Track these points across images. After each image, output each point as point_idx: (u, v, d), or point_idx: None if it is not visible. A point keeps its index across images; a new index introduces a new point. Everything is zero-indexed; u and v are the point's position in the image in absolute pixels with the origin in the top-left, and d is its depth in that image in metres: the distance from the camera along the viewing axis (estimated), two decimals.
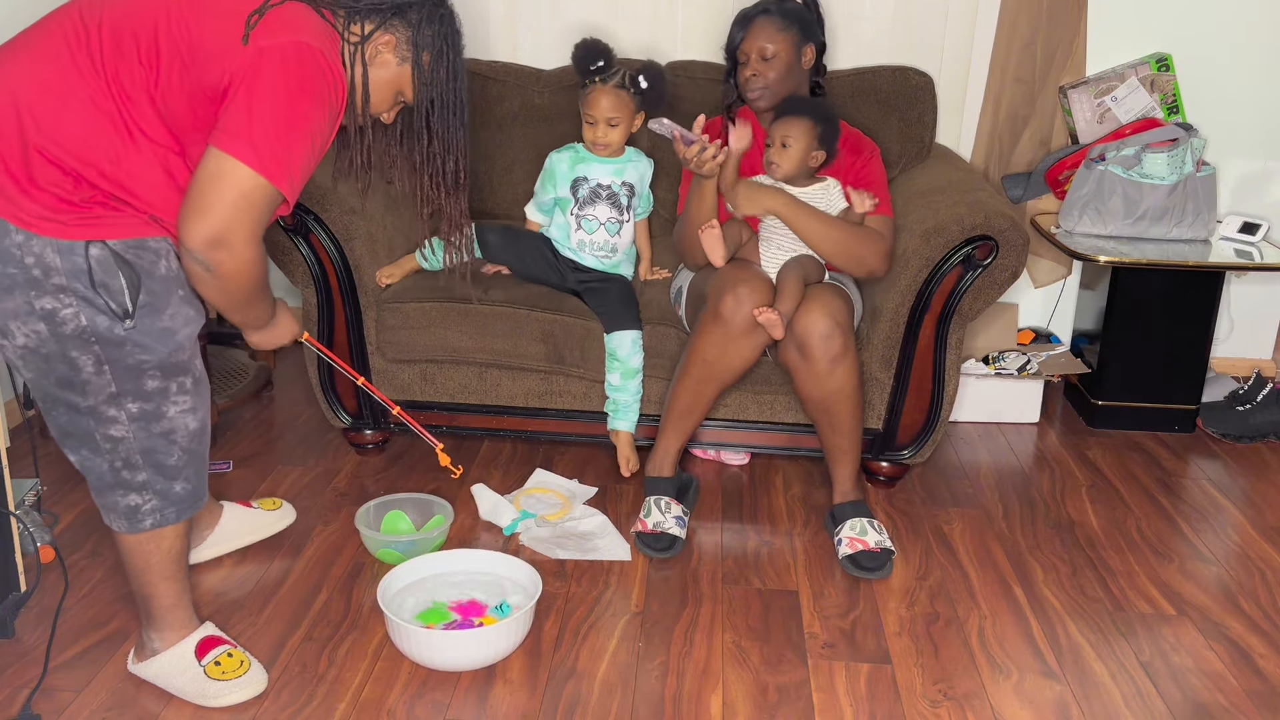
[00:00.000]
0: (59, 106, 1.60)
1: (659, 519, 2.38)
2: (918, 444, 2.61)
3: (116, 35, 1.61)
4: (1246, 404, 3.00)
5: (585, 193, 2.63)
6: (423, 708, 1.87)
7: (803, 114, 2.39)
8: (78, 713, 1.84)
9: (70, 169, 1.60)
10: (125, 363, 1.68)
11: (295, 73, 1.61)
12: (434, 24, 1.77)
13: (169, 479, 1.78)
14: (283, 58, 1.61)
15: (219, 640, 1.92)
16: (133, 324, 1.66)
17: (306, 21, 1.67)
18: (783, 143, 2.39)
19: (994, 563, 2.36)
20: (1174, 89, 3.07)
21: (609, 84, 2.54)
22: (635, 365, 2.56)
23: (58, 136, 1.59)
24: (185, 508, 1.82)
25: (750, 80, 2.51)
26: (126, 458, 1.74)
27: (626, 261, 2.70)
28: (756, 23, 2.50)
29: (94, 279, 1.62)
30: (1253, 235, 3.03)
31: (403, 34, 1.76)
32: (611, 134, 2.58)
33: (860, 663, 2.01)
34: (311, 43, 1.63)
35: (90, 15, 1.63)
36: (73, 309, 1.63)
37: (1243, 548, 2.46)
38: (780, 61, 2.49)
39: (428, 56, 1.78)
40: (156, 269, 1.68)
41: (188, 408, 1.76)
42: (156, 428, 1.74)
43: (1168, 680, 1.99)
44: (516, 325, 2.59)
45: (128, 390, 1.70)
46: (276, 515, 2.36)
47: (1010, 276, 2.46)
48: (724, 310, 2.29)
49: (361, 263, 2.58)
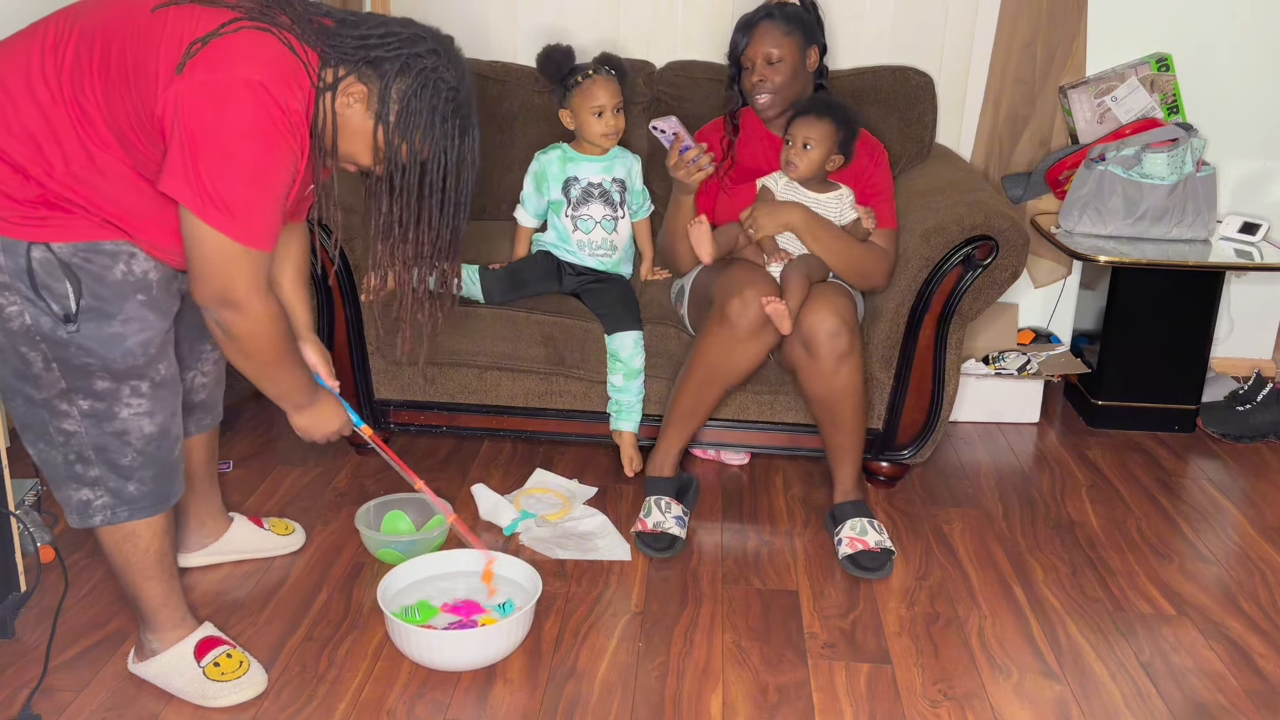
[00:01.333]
0: (15, 103, 1.57)
1: (659, 519, 2.38)
2: (918, 444, 2.61)
3: (83, 44, 1.57)
4: (1246, 404, 3.00)
5: (577, 193, 2.62)
6: (423, 708, 1.87)
7: (827, 116, 2.38)
8: (78, 713, 1.84)
9: (20, 167, 1.58)
10: (71, 363, 1.66)
11: (234, 113, 1.50)
12: (408, 77, 1.60)
13: (122, 478, 1.74)
14: (214, 95, 1.50)
15: (218, 641, 1.92)
16: (75, 328, 1.63)
17: (258, 53, 1.54)
18: (804, 143, 2.38)
19: (994, 563, 2.36)
20: (1174, 89, 3.07)
21: (599, 74, 2.53)
22: (637, 366, 2.56)
23: (9, 134, 1.57)
24: (139, 509, 1.77)
25: (757, 85, 2.50)
26: (79, 452, 1.72)
27: (625, 260, 2.70)
28: (760, 27, 2.48)
29: (35, 280, 1.60)
30: (1253, 235, 3.03)
31: (374, 86, 1.61)
32: (620, 120, 2.57)
33: (860, 663, 2.01)
34: (254, 78, 1.51)
35: (65, 21, 1.61)
36: (17, 307, 1.61)
37: (1243, 548, 2.46)
38: (786, 66, 2.48)
39: (395, 113, 1.61)
40: (109, 274, 1.64)
41: (142, 411, 1.72)
42: (108, 427, 1.71)
43: (1168, 680, 1.99)
44: (516, 328, 2.59)
45: (78, 388, 1.68)
46: (285, 540, 2.32)
47: (1010, 276, 2.46)
48: (730, 313, 2.29)
49: (361, 263, 2.57)
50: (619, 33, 3.17)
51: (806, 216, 2.39)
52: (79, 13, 1.62)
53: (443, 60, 1.63)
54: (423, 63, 1.61)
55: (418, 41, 1.62)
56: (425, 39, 1.63)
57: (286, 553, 2.33)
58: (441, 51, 1.64)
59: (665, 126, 2.41)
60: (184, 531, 2.22)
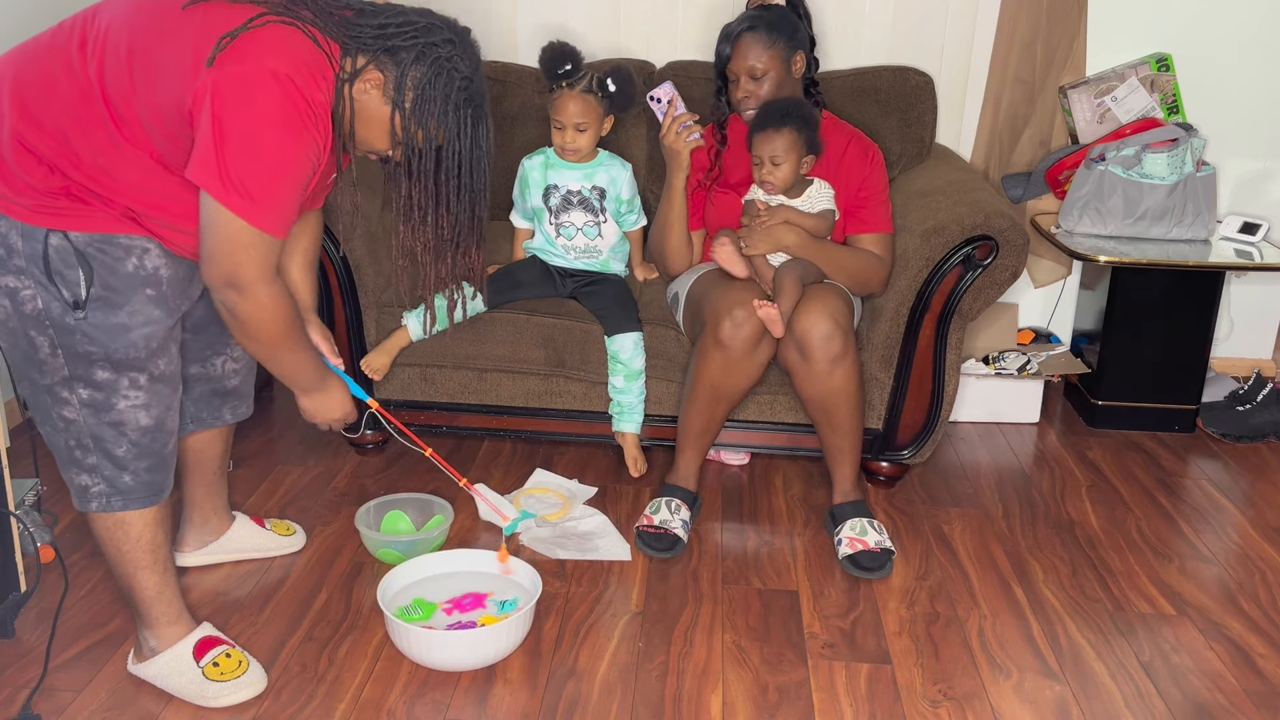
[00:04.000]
0: (45, 99, 1.62)
1: (666, 518, 2.38)
2: (918, 444, 2.61)
3: (111, 41, 1.61)
4: (1246, 404, 3.00)
5: (557, 201, 2.63)
6: (423, 708, 1.87)
7: (782, 126, 2.36)
8: (78, 713, 1.84)
9: (46, 159, 1.62)
10: (75, 350, 1.70)
11: (261, 103, 1.55)
12: (424, 65, 1.65)
13: (117, 468, 1.78)
14: (244, 86, 1.54)
15: (217, 641, 1.92)
16: (82, 315, 1.67)
17: (285, 46, 1.59)
18: (772, 160, 2.38)
19: (994, 563, 2.36)
20: (1174, 89, 3.07)
21: (576, 89, 2.52)
22: (638, 367, 2.56)
23: (39, 128, 1.61)
24: (133, 499, 1.81)
25: (744, 101, 2.49)
26: (79, 439, 1.76)
27: (614, 258, 2.70)
28: (743, 41, 2.46)
29: (50, 266, 1.65)
30: (1253, 235, 3.03)
31: (391, 73, 1.66)
32: (580, 139, 2.56)
33: (860, 663, 2.01)
34: (280, 70, 1.56)
35: (90, 20, 1.65)
36: (31, 291, 1.66)
37: (1243, 548, 2.46)
38: (771, 79, 2.47)
39: (410, 99, 1.66)
40: (121, 266, 1.68)
41: (139, 403, 1.76)
42: (106, 417, 1.75)
43: (1168, 680, 1.99)
44: (517, 331, 2.59)
45: (79, 376, 1.72)
46: (286, 541, 2.33)
47: (1010, 276, 2.46)
48: (723, 335, 2.29)
49: (362, 262, 2.58)
50: (619, 33, 3.17)
51: (801, 238, 2.39)
52: (103, 12, 1.66)
53: (458, 50, 1.68)
54: (438, 51, 1.66)
55: (434, 31, 1.67)
56: (442, 29, 1.68)
57: (287, 553, 2.33)
58: (457, 41, 1.69)
59: (661, 95, 2.43)
60: (185, 529, 2.22)
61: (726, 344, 2.30)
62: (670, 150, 2.50)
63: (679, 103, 2.49)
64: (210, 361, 2.04)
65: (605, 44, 3.15)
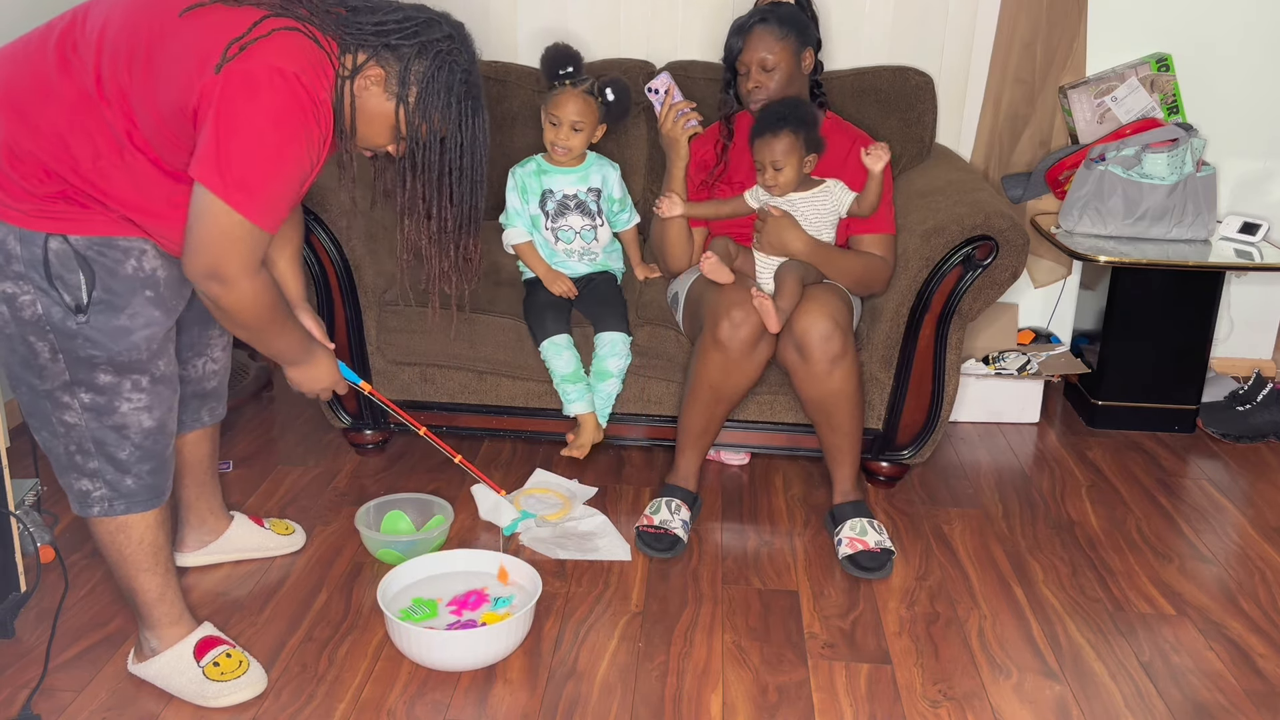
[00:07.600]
0: (40, 103, 1.61)
1: (666, 518, 2.38)
2: (918, 444, 2.61)
3: (108, 45, 1.60)
4: (1246, 404, 3.00)
5: (554, 206, 2.62)
6: (423, 708, 1.87)
7: (780, 129, 2.35)
8: (78, 713, 1.84)
9: (43, 164, 1.61)
10: (77, 354, 1.70)
11: (266, 100, 1.55)
12: (425, 60, 1.66)
13: (120, 472, 1.78)
14: (249, 82, 1.55)
15: (217, 640, 1.92)
16: (85, 319, 1.67)
17: (290, 46, 1.60)
18: (773, 165, 2.38)
19: (994, 563, 2.36)
20: (1174, 89, 3.07)
21: (578, 88, 2.53)
22: (611, 368, 2.54)
23: (36, 132, 1.61)
24: (136, 503, 1.81)
25: (753, 92, 2.50)
26: (80, 444, 1.76)
27: (610, 256, 2.70)
28: (754, 33, 2.48)
29: (50, 271, 1.64)
30: (1253, 235, 3.03)
31: (393, 68, 1.67)
32: (574, 138, 2.55)
33: (860, 663, 2.01)
34: (287, 68, 1.57)
35: (80, 24, 1.64)
36: (30, 296, 1.66)
37: (1243, 548, 2.46)
38: (782, 71, 2.48)
39: (414, 94, 1.68)
40: (121, 268, 1.68)
41: (142, 406, 1.76)
42: (108, 420, 1.75)
43: (1168, 680, 1.99)
44: (519, 336, 2.59)
45: (80, 380, 1.71)
46: (285, 540, 2.33)
47: (1010, 276, 2.46)
48: (722, 336, 2.29)
49: (361, 262, 2.58)
50: (619, 33, 3.17)
51: (809, 244, 2.39)
52: (93, 15, 1.64)
53: (456, 44, 1.70)
54: (438, 46, 1.68)
55: (433, 26, 1.69)
56: (440, 23, 1.70)
57: (287, 553, 2.33)
58: (455, 35, 1.71)
59: (659, 85, 2.44)
60: (184, 530, 2.22)
61: (725, 344, 2.30)
62: (669, 139, 2.51)
63: (675, 91, 2.51)
64: (192, 363, 2.04)
65: (605, 44, 3.15)
